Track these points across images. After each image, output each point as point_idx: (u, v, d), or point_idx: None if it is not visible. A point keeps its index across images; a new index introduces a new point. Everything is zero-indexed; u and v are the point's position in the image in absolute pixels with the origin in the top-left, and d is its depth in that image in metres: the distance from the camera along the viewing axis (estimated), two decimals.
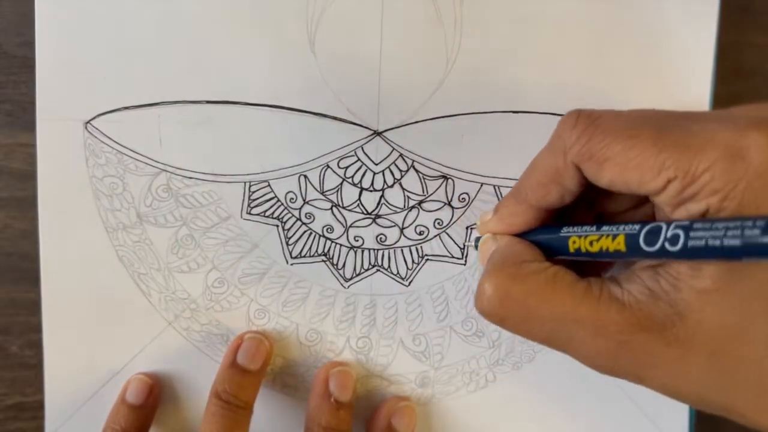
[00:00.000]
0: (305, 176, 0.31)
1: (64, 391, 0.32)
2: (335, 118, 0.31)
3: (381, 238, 0.32)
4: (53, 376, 0.31)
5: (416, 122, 0.31)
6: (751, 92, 0.34)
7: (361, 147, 0.31)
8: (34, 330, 0.32)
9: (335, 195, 0.31)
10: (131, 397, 0.31)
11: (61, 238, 0.31)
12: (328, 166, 0.31)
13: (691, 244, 0.18)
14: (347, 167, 0.31)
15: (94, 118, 0.30)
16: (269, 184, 0.31)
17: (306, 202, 0.31)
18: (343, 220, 0.31)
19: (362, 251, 0.32)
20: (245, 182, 0.31)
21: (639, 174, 0.20)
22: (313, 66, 0.30)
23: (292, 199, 0.31)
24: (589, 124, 0.21)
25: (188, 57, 0.30)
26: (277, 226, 0.31)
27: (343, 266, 0.32)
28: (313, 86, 0.30)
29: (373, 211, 0.31)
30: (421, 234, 0.32)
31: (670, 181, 0.19)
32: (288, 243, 0.31)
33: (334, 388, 0.31)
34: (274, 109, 0.30)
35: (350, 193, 0.31)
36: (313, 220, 0.31)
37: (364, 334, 0.32)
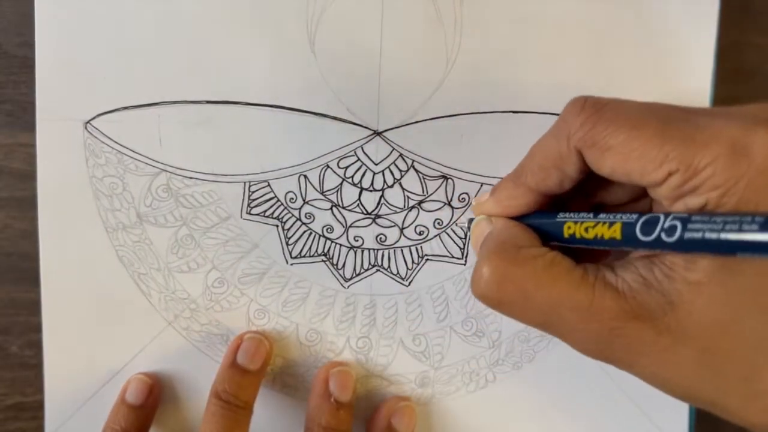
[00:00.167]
0: (305, 176, 0.31)
1: (64, 391, 0.32)
2: (335, 118, 0.31)
3: (381, 238, 0.32)
4: (53, 376, 0.31)
5: (416, 122, 0.31)
6: (751, 92, 0.34)
7: (361, 147, 0.31)
8: (34, 330, 0.32)
9: (335, 195, 0.31)
10: (131, 397, 0.31)
11: (61, 238, 0.31)
12: (328, 166, 0.31)
13: (688, 236, 0.18)
14: (347, 167, 0.31)
15: (94, 118, 0.30)
16: (269, 184, 0.31)
17: (306, 202, 0.31)
18: (343, 220, 0.31)
19: (362, 251, 0.32)
20: (245, 182, 0.31)
21: (641, 164, 0.20)
22: (313, 66, 0.30)
23: (292, 199, 0.31)
24: (595, 111, 0.21)
25: (188, 57, 0.30)
26: (277, 226, 0.31)
27: (343, 266, 0.32)
28: (313, 86, 0.30)
29: (373, 211, 0.31)
30: (421, 234, 0.32)
31: (671, 174, 0.19)
32: (288, 243, 0.31)
33: (334, 388, 0.31)
34: (274, 109, 0.30)
35: (350, 193, 0.31)
36: (313, 220, 0.31)
37: (364, 334, 0.32)
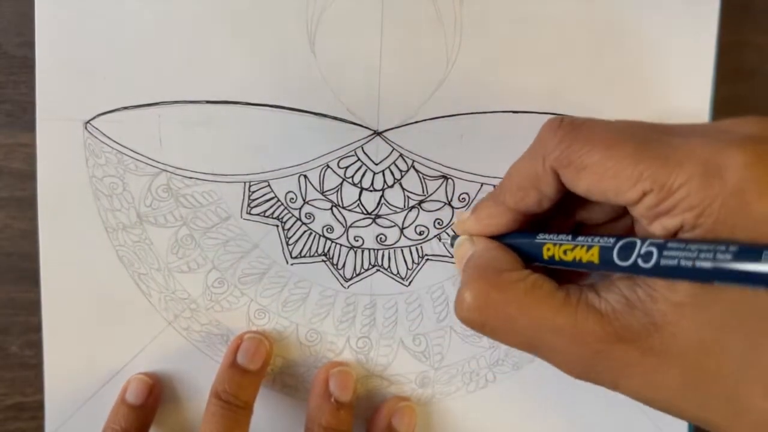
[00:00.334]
0: (305, 176, 0.31)
1: (64, 391, 0.32)
2: (335, 118, 0.31)
3: (381, 238, 0.32)
4: (53, 376, 0.31)
5: (416, 122, 0.31)
6: (751, 92, 0.34)
7: (361, 147, 0.31)
8: (34, 330, 0.32)
9: (335, 195, 0.31)
10: (131, 397, 0.31)
11: (61, 238, 0.31)
12: (328, 166, 0.31)
13: (664, 263, 0.18)
14: (347, 167, 0.31)
15: (94, 118, 0.30)
16: (269, 184, 0.31)
17: (306, 202, 0.31)
18: (343, 220, 0.31)
19: (362, 251, 0.32)
20: (245, 182, 0.31)
21: (616, 184, 0.20)
22: (313, 66, 0.30)
23: (292, 199, 0.31)
24: (570, 131, 0.21)
25: (188, 57, 0.30)
26: (277, 226, 0.31)
27: (343, 266, 0.32)
28: (313, 86, 0.30)
29: (373, 211, 0.31)
30: (421, 234, 0.32)
31: (645, 194, 0.19)
32: (288, 243, 0.31)
33: (334, 388, 0.31)
34: (274, 109, 0.30)
35: (350, 193, 0.31)
36: (313, 220, 0.31)
37: (364, 334, 0.32)
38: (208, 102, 0.30)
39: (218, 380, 0.30)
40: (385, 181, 0.31)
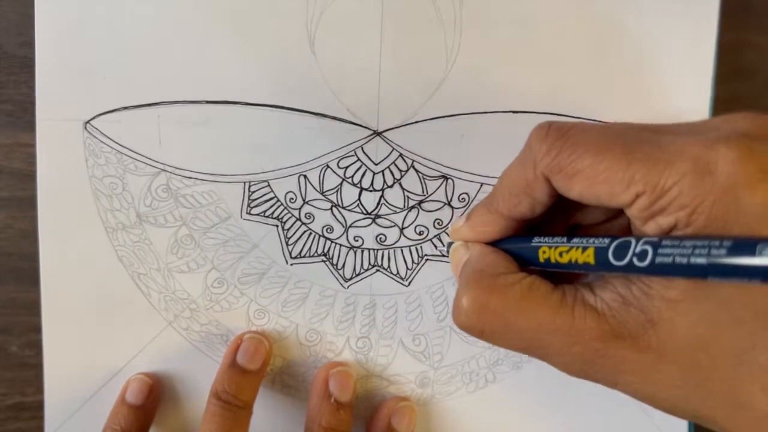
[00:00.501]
0: (305, 176, 0.31)
1: (64, 391, 0.32)
2: (335, 118, 0.31)
3: (381, 238, 0.32)
4: (53, 376, 0.31)
5: (416, 122, 0.31)
6: (751, 92, 0.34)
7: (361, 147, 0.31)
8: (34, 330, 0.32)
9: (335, 195, 0.31)
10: (131, 397, 0.31)
11: (61, 238, 0.31)
12: (328, 166, 0.31)
13: (659, 261, 0.18)
14: (347, 167, 0.31)
15: (93, 118, 0.30)
16: (269, 184, 0.31)
17: (306, 202, 0.31)
18: (342, 220, 0.31)
19: (362, 251, 0.32)
20: (245, 182, 0.31)
21: (608, 187, 0.20)
22: (313, 66, 0.30)
23: (292, 199, 0.31)
24: (559, 137, 0.21)
25: (188, 57, 0.30)
26: (277, 226, 0.31)
27: (343, 266, 0.32)
28: (313, 86, 0.30)
29: (373, 211, 0.31)
30: (421, 234, 0.32)
31: (638, 195, 0.19)
32: (288, 243, 0.31)
33: (334, 389, 0.31)
34: (274, 109, 0.30)
35: (350, 193, 0.31)
36: (313, 220, 0.31)
37: (363, 334, 0.32)
38: (208, 102, 0.30)
39: (218, 380, 0.30)
40: (384, 181, 0.31)
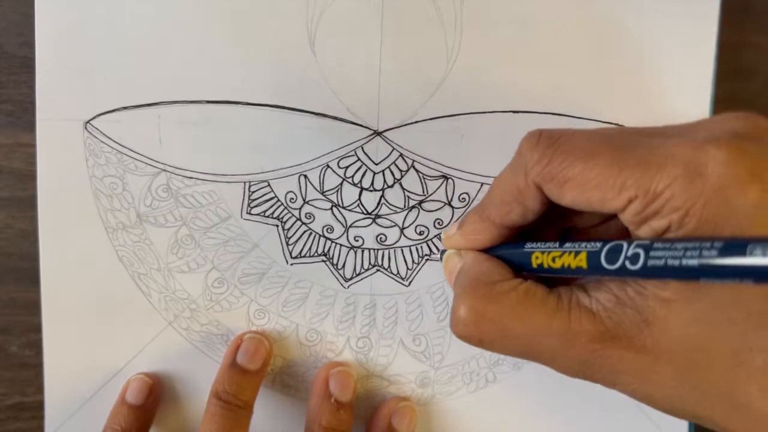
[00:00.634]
0: (305, 176, 0.31)
1: (64, 391, 0.32)
2: (335, 118, 0.31)
3: (381, 238, 0.32)
4: (53, 376, 0.31)
5: (416, 122, 0.31)
6: (751, 92, 0.34)
7: (361, 147, 0.31)
8: (34, 330, 0.32)
9: (335, 195, 0.31)
10: (131, 397, 0.31)
11: (61, 238, 0.31)
12: (328, 166, 0.31)
13: (651, 264, 0.18)
14: (347, 167, 0.31)
15: (94, 118, 0.30)
16: (269, 184, 0.31)
17: (306, 202, 0.31)
18: (343, 220, 0.31)
19: (362, 251, 0.32)
20: (245, 182, 0.31)
21: (600, 194, 0.20)
22: (313, 66, 0.30)
23: (292, 199, 0.31)
24: (550, 145, 0.21)
25: (188, 57, 0.30)
26: (277, 226, 0.31)
27: (343, 266, 0.32)
28: (313, 86, 0.30)
29: (373, 211, 0.31)
30: (421, 234, 0.32)
31: (631, 201, 0.19)
32: (288, 243, 0.31)
33: (334, 388, 0.31)
34: (274, 109, 0.30)
35: (350, 193, 0.31)
36: (313, 220, 0.31)
37: (364, 334, 0.32)
38: (208, 102, 0.30)
39: (218, 380, 0.30)
40: (385, 181, 0.31)
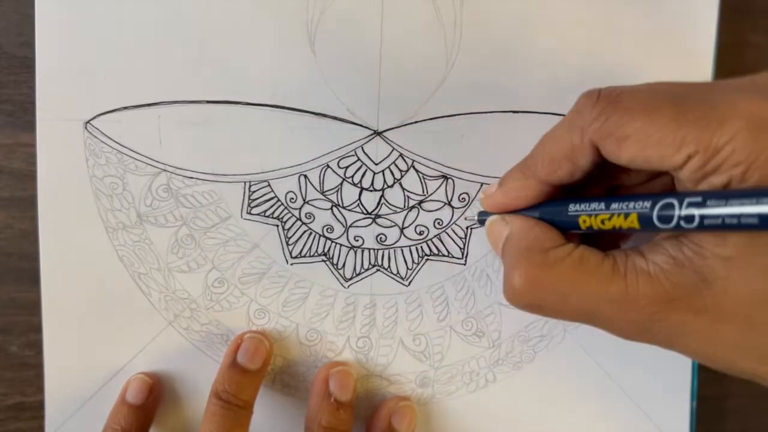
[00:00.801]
0: (305, 176, 0.31)
1: (64, 391, 0.32)
2: (335, 118, 0.31)
3: (381, 238, 0.32)
4: (53, 376, 0.31)
5: (416, 122, 0.31)
6: None
7: (361, 147, 0.31)
8: (34, 330, 0.32)
9: (335, 195, 0.31)
10: (131, 397, 0.31)
11: (61, 238, 0.31)
12: (328, 166, 0.31)
13: (708, 222, 0.18)
14: (347, 167, 0.31)
15: (94, 118, 0.30)
16: (269, 184, 0.31)
17: (306, 202, 0.31)
18: (343, 220, 0.31)
19: (362, 251, 0.32)
20: (245, 182, 0.31)
21: (659, 150, 0.20)
22: (313, 66, 0.30)
23: (292, 199, 0.31)
24: (609, 102, 0.21)
25: (188, 57, 0.30)
26: (277, 226, 0.31)
27: (343, 266, 0.32)
28: (313, 86, 0.30)
29: (373, 211, 0.31)
30: (421, 234, 0.32)
31: (690, 157, 0.19)
32: (288, 243, 0.31)
33: (334, 388, 0.31)
34: (274, 109, 0.30)
35: (350, 193, 0.31)
36: (313, 220, 0.31)
37: (364, 333, 0.32)
38: (208, 102, 0.30)
39: (218, 380, 0.30)
40: (385, 181, 0.31)
